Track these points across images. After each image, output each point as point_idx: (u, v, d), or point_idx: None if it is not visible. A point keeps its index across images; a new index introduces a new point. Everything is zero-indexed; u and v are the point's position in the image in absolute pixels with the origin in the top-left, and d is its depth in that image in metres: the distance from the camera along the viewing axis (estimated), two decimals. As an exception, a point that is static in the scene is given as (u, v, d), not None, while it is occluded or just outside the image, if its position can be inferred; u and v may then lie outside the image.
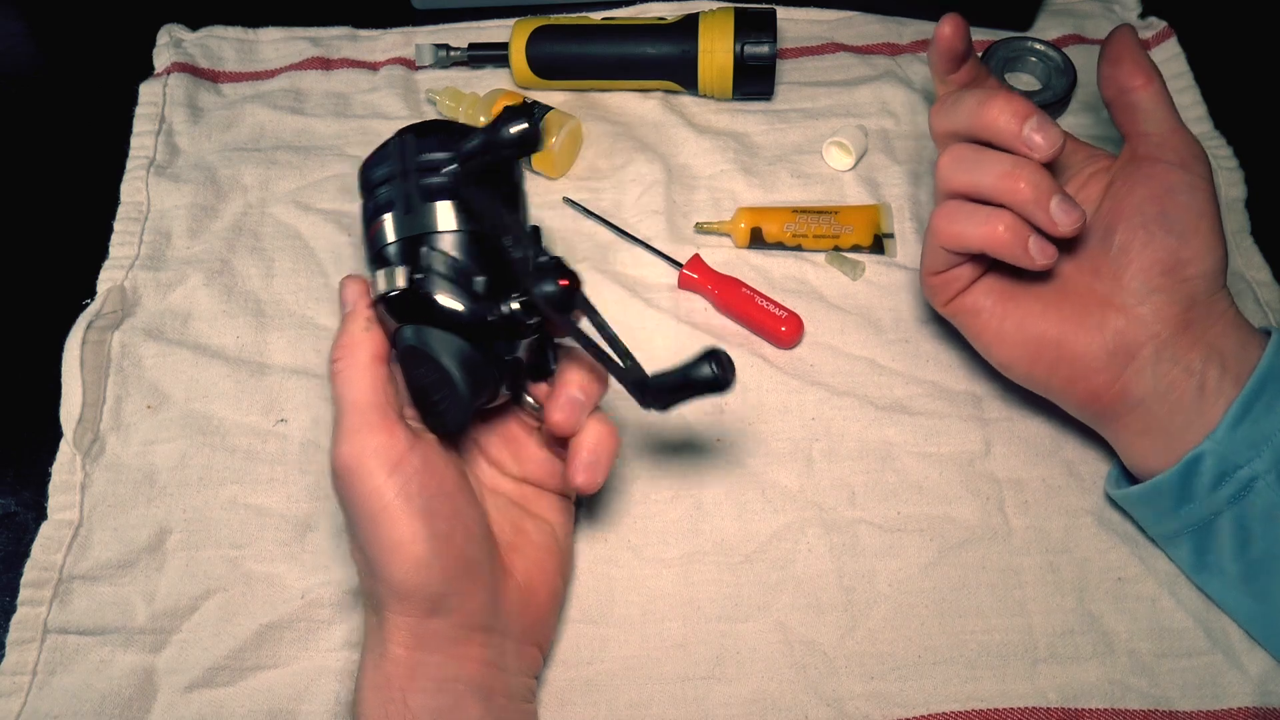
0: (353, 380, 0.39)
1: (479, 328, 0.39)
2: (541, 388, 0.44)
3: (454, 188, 0.41)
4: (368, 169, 0.43)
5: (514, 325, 0.40)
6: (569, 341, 0.42)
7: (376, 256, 0.42)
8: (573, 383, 0.41)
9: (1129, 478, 0.47)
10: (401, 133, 0.43)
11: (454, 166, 0.41)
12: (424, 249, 0.40)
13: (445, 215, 0.40)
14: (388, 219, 0.41)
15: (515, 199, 0.43)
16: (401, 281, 0.40)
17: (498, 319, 0.39)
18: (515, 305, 0.39)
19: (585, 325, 0.40)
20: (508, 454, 0.45)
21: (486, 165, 0.39)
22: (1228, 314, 0.43)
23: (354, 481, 0.38)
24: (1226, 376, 0.42)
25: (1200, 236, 0.42)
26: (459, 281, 0.39)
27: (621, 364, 0.40)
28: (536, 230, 0.42)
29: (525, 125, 0.37)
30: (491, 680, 0.40)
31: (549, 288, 0.38)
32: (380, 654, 0.39)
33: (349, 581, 0.48)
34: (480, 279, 0.40)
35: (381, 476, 0.38)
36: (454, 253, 0.40)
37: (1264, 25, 0.68)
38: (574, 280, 0.39)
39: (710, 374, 0.39)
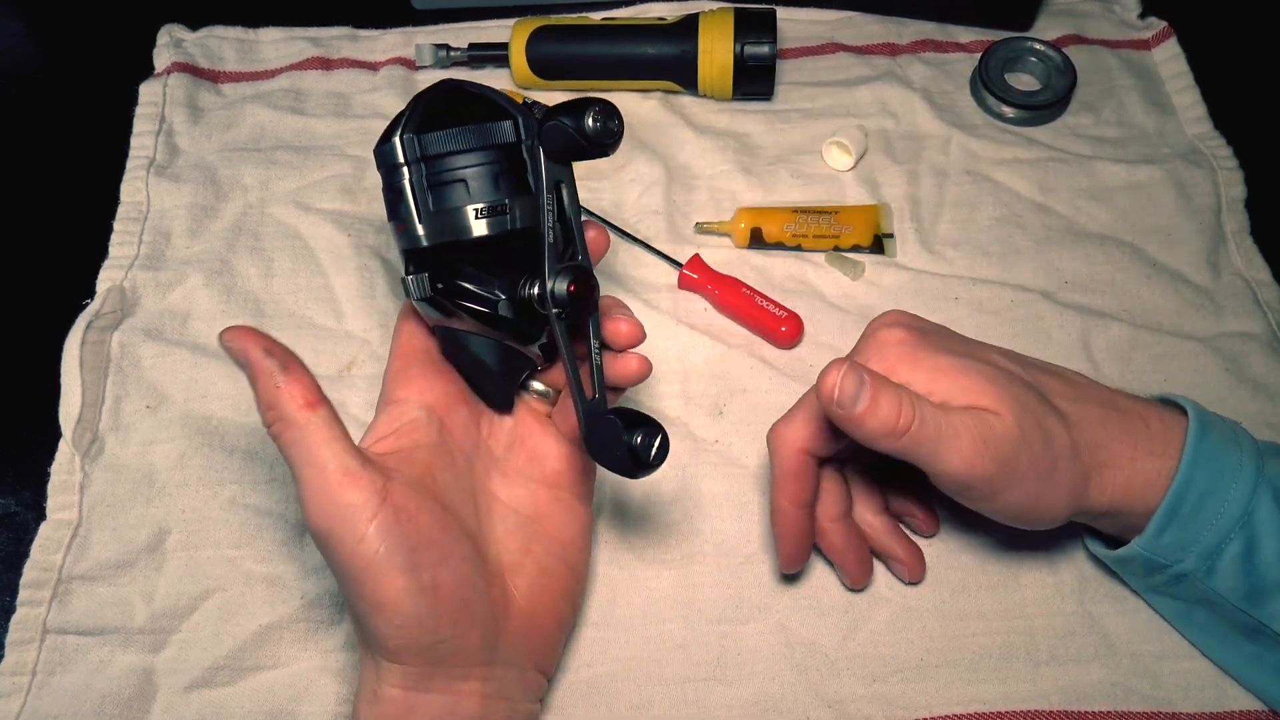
0: (299, 441, 0.36)
1: (504, 320, 0.40)
2: (550, 373, 0.44)
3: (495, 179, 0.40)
4: (387, 151, 0.40)
5: (532, 312, 0.40)
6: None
7: (407, 254, 0.41)
8: (618, 306, 0.42)
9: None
10: (425, 111, 0.40)
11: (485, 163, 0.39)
12: (449, 246, 0.40)
13: (473, 218, 0.40)
14: (414, 214, 0.40)
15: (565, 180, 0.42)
16: (429, 290, 0.40)
17: (518, 309, 0.40)
18: (534, 291, 0.40)
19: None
20: (524, 456, 0.43)
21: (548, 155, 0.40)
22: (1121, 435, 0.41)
23: (332, 544, 0.36)
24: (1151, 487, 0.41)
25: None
26: (484, 277, 0.40)
27: (588, 391, 0.40)
28: (577, 221, 0.42)
29: (612, 122, 0.39)
30: (491, 712, 0.39)
31: (561, 287, 0.39)
32: (374, 692, 0.38)
33: (349, 582, 0.48)
34: (501, 279, 0.40)
35: (356, 537, 0.35)
36: (479, 250, 0.40)
37: (1264, 25, 0.68)
38: (586, 287, 0.40)
39: (638, 452, 0.38)
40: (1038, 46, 0.64)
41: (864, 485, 0.47)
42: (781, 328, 0.53)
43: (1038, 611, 0.47)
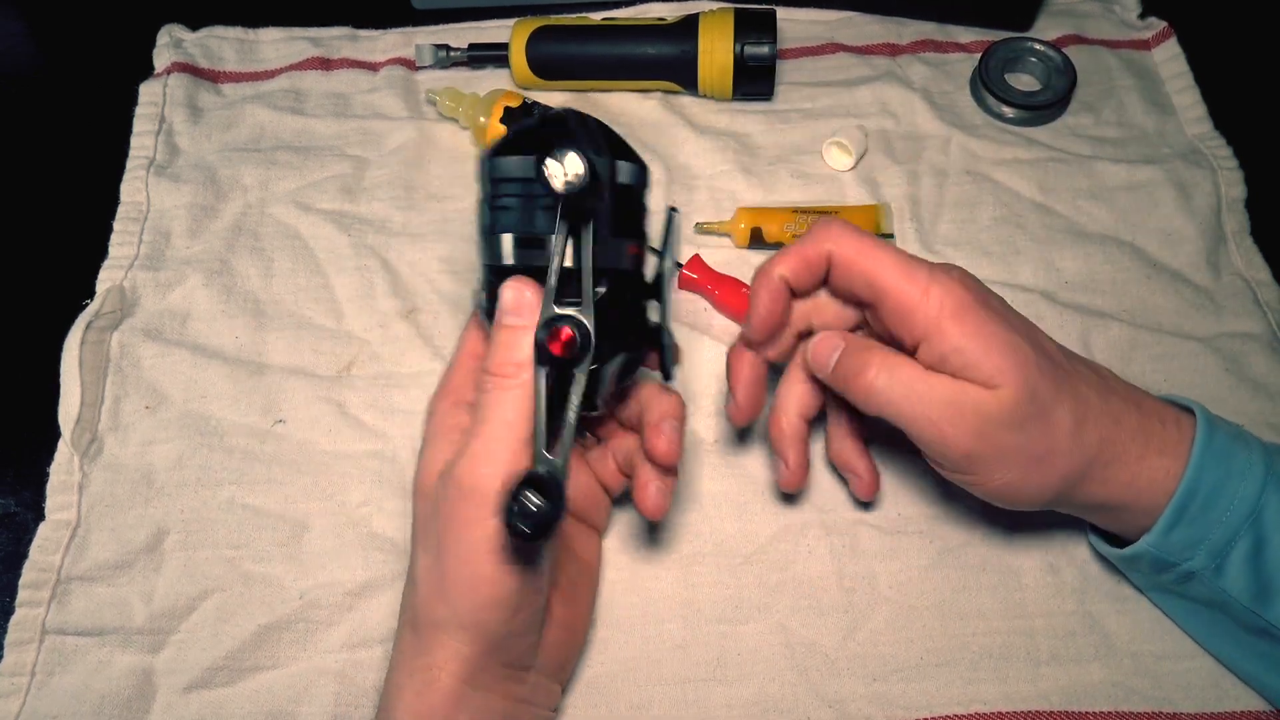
0: (509, 401, 0.37)
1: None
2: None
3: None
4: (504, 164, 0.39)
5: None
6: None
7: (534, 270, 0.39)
8: (670, 410, 0.41)
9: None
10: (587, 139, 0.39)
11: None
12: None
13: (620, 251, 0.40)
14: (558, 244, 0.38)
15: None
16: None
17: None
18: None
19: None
20: None
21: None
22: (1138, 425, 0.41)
23: (465, 505, 0.36)
24: (1159, 484, 0.41)
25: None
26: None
27: (543, 447, 0.37)
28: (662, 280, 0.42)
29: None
30: (522, 715, 0.40)
31: (541, 334, 0.37)
32: (426, 682, 0.37)
33: (348, 583, 0.48)
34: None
35: (494, 504, 0.35)
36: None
37: (1264, 25, 0.68)
38: (574, 348, 0.37)
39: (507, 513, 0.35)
40: (1038, 46, 0.64)
41: (841, 414, 0.47)
42: (781, 328, 0.53)
43: (1038, 611, 0.47)
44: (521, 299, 0.38)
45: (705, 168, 0.60)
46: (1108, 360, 0.53)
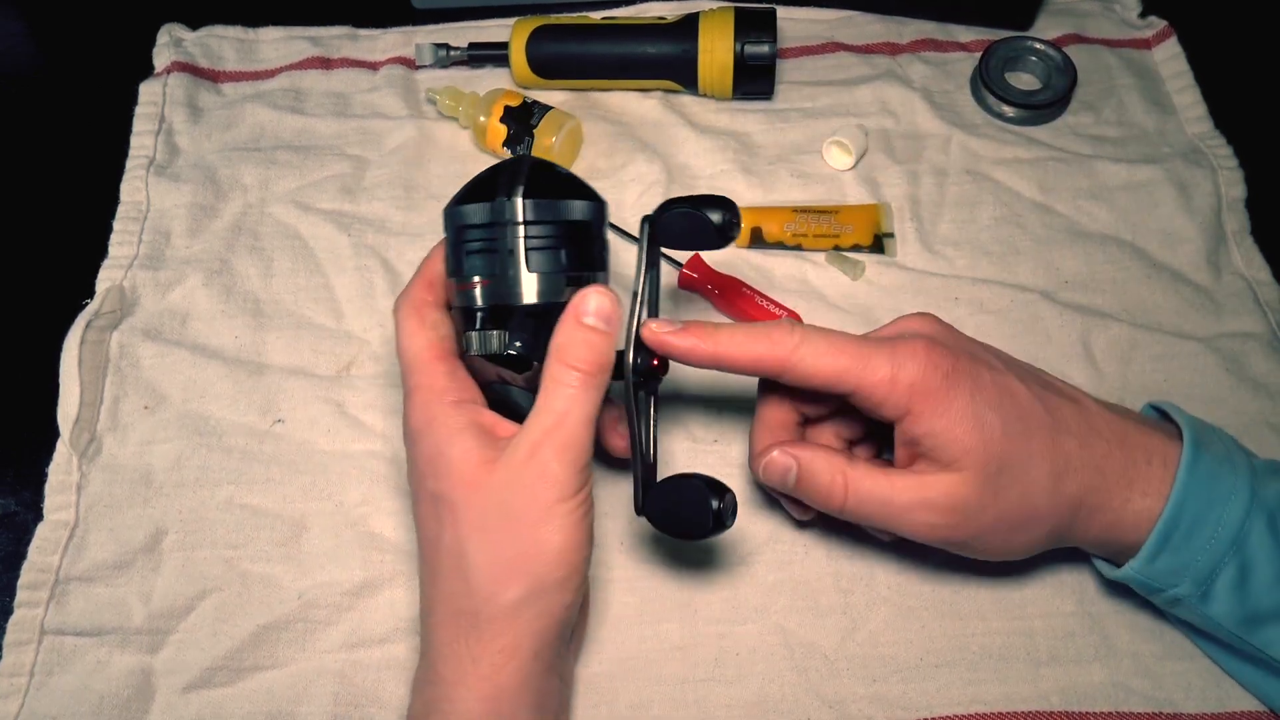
0: (592, 399, 0.39)
1: None
2: None
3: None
4: (468, 210, 0.42)
5: None
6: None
7: (485, 309, 0.41)
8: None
9: None
10: (513, 179, 0.41)
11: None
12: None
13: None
14: (496, 278, 0.41)
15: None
16: (508, 348, 0.40)
17: None
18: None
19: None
20: None
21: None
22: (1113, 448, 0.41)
23: (544, 488, 0.38)
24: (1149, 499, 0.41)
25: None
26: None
27: (646, 457, 0.42)
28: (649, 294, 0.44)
29: (726, 215, 0.42)
30: (563, 698, 0.41)
31: (640, 360, 0.41)
32: (496, 666, 0.38)
33: (346, 582, 0.48)
34: None
35: (572, 487, 0.38)
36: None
37: (1264, 25, 0.68)
38: (664, 365, 0.42)
39: (722, 515, 0.40)
40: (1038, 46, 0.64)
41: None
42: (781, 327, 0.53)
43: (1038, 611, 0.47)
44: (610, 308, 0.39)
45: (705, 167, 0.60)
46: (1108, 360, 0.53)
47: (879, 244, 0.57)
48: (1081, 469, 0.40)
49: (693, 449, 0.51)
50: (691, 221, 0.42)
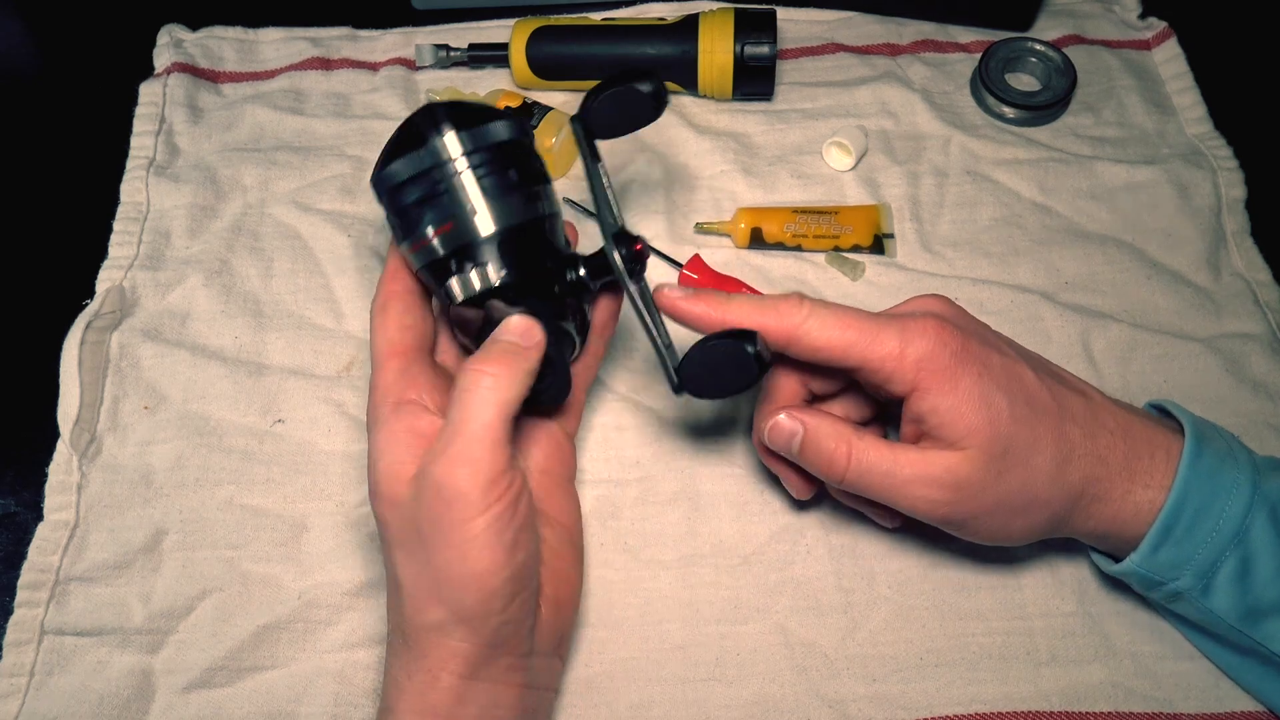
0: (483, 402, 0.37)
1: (557, 303, 0.42)
2: None
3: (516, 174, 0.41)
4: (399, 167, 0.41)
5: (581, 291, 0.43)
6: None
7: (456, 253, 0.41)
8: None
9: None
10: (435, 121, 0.41)
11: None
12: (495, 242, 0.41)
13: (514, 207, 0.41)
14: (458, 218, 0.40)
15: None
16: (495, 280, 0.40)
17: (567, 289, 0.42)
18: (582, 272, 0.42)
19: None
20: (515, 441, 0.43)
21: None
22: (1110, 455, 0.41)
23: (451, 507, 0.36)
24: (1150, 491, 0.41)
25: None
26: (536, 265, 0.41)
27: (664, 338, 0.42)
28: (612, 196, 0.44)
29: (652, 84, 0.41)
30: (527, 702, 0.40)
31: (624, 251, 0.41)
32: (427, 683, 0.37)
33: (346, 583, 0.48)
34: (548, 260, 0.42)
35: (478, 505, 0.36)
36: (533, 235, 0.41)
37: (1264, 25, 0.68)
38: (646, 247, 0.42)
39: (762, 355, 0.40)
40: (1038, 47, 0.64)
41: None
42: (781, 328, 0.53)
43: (1038, 611, 0.47)
44: (527, 326, 0.39)
45: (705, 168, 0.60)
46: (1108, 360, 0.54)
47: (879, 245, 0.57)
48: (1085, 458, 0.40)
49: (693, 449, 0.51)
50: (622, 100, 0.42)
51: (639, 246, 0.41)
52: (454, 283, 0.41)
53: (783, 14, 0.66)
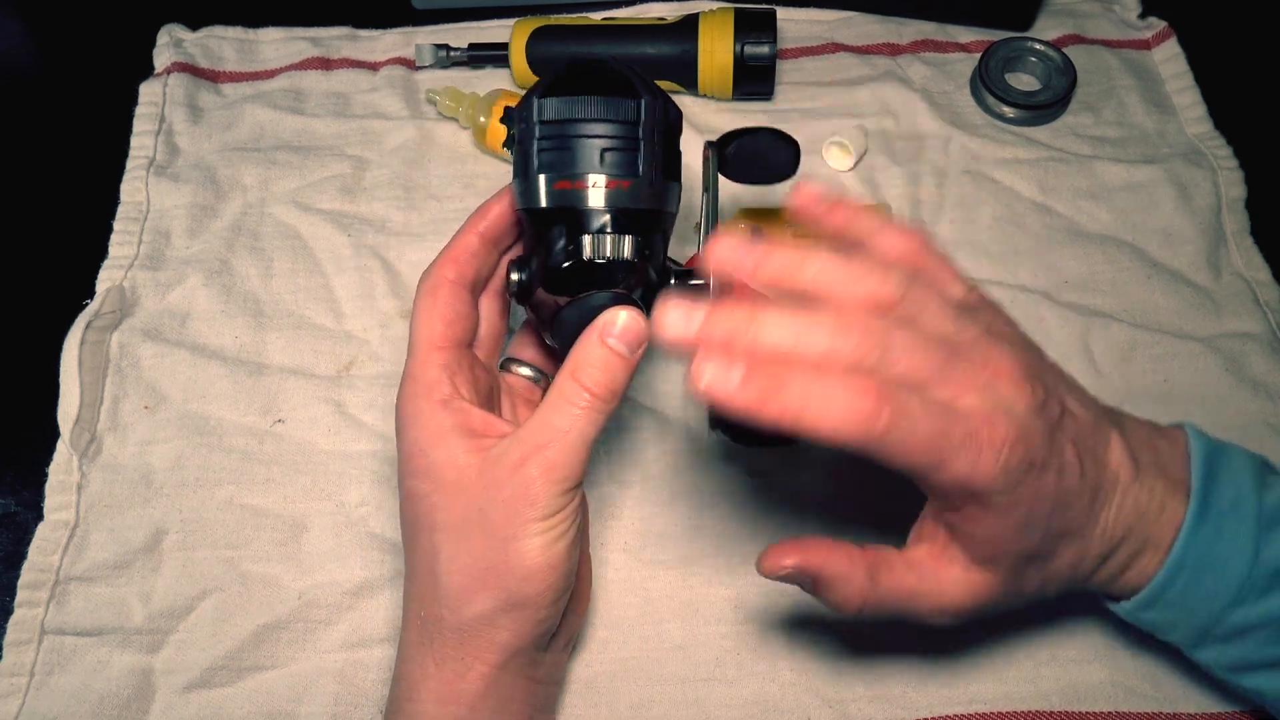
0: (595, 422, 0.37)
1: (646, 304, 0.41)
2: (529, 353, 0.46)
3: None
4: (598, 103, 0.39)
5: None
6: None
7: (611, 211, 0.39)
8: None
9: None
10: (642, 80, 0.40)
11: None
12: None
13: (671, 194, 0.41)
14: (636, 181, 0.39)
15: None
16: (629, 254, 0.39)
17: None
18: (672, 282, 0.41)
19: None
20: None
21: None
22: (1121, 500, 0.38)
23: (528, 503, 0.36)
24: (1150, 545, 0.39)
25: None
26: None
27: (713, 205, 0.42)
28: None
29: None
30: (537, 697, 0.41)
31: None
32: (458, 672, 0.38)
33: (346, 582, 0.48)
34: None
35: (559, 503, 0.37)
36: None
37: (1264, 25, 0.68)
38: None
39: (794, 154, 0.41)
40: (1038, 46, 0.64)
41: None
42: (781, 328, 0.53)
43: (1038, 611, 0.47)
44: (638, 331, 0.38)
45: (705, 168, 0.60)
46: (1108, 360, 0.53)
47: (879, 244, 0.57)
48: (1100, 540, 0.38)
49: (694, 448, 0.51)
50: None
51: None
52: (586, 240, 0.38)
53: (783, 14, 0.66)
